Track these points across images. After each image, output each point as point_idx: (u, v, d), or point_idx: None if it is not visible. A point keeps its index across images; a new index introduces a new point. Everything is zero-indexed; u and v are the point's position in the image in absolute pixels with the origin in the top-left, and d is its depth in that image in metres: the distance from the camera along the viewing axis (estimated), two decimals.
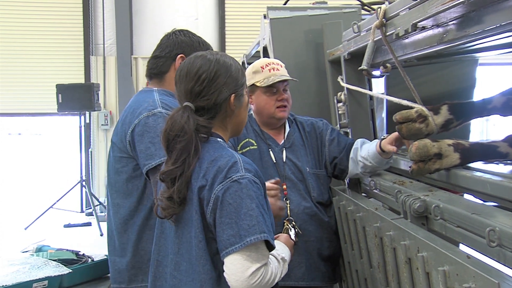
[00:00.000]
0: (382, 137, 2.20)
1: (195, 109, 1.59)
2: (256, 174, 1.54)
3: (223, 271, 1.48)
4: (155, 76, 2.12)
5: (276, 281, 1.52)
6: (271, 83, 2.34)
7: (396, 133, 2.01)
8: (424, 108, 1.86)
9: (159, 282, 1.65)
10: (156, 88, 2.08)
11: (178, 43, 2.10)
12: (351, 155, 2.36)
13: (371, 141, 2.33)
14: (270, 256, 1.54)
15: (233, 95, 1.62)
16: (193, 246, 1.53)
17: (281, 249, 1.62)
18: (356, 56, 2.39)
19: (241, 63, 4.52)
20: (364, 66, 2.06)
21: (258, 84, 2.36)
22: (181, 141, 1.53)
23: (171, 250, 1.61)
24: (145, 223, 1.97)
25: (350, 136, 2.59)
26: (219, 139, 1.62)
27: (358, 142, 2.38)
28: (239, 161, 1.52)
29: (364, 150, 2.30)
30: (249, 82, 2.29)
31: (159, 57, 2.10)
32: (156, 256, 1.68)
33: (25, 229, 7.31)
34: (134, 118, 1.94)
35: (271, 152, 2.40)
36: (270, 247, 1.51)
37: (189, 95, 1.60)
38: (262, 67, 2.39)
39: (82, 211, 8.27)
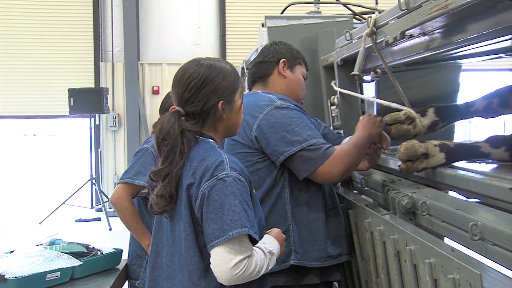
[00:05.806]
0: None
1: (185, 114, 1.59)
2: (242, 172, 1.54)
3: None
4: (259, 79, 2.16)
5: (262, 273, 1.51)
6: None
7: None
8: (412, 111, 1.87)
9: (157, 272, 1.67)
10: (260, 91, 2.09)
11: (279, 50, 2.16)
12: None
13: None
14: (256, 249, 1.52)
15: (221, 101, 1.60)
16: (182, 239, 1.54)
17: (270, 243, 1.59)
18: (349, 62, 2.39)
19: (240, 69, 4.55)
20: (356, 71, 2.06)
21: None
22: (167, 144, 1.54)
23: (166, 242, 1.63)
24: (272, 210, 1.95)
25: None
26: (210, 140, 1.62)
27: (346, 139, 2.37)
28: (226, 161, 1.52)
29: None
30: None
31: (263, 62, 2.15)
32: (155, 247, 1.68)
33: (40, 223, 7.32)
34: (257, 114, 1.94)
35: None
36: (255, 240, 1.51)
37: (180, 100, 1.60)
38: None
39: (92, 207, 8.27)
